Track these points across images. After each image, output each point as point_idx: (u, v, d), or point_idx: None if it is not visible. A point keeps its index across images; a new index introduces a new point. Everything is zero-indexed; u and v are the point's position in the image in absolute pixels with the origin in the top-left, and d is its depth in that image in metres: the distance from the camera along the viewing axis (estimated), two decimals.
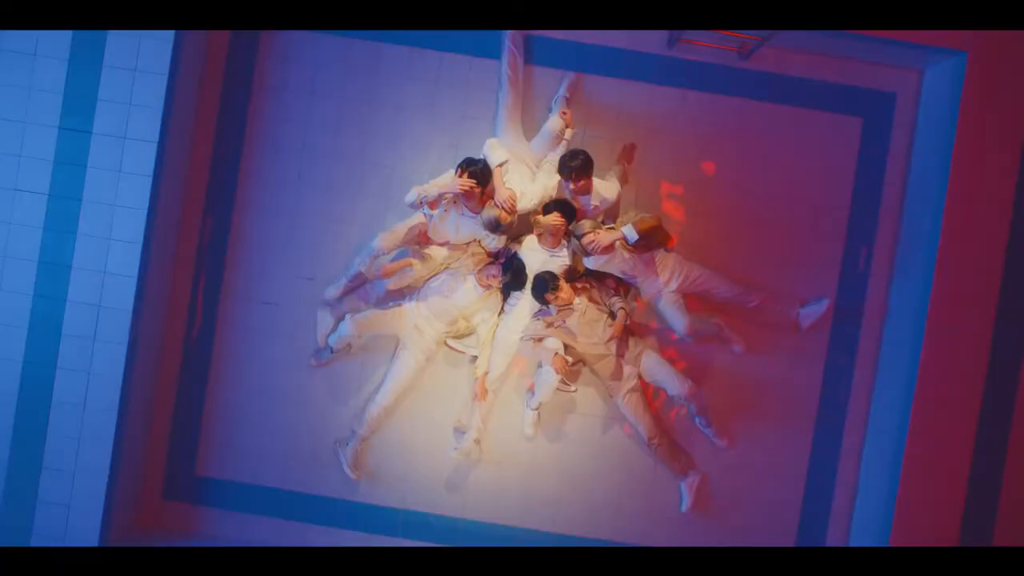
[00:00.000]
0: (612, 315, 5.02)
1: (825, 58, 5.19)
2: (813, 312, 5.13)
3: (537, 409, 5.15)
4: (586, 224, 4.68)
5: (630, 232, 4.64)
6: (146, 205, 4.86)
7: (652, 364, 5.01)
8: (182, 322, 5.31)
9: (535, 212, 4.91)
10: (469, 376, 5.20)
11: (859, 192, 5.24)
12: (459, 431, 5.25)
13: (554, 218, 4.77)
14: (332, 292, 5.20)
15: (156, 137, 4.84)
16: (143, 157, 4.83)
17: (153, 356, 5.21)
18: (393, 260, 5.05)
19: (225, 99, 5.26)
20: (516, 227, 4.91)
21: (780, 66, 5.20)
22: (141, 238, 4.86)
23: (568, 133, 4.90)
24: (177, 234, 5.27)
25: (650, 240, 4.82)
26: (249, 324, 5.30)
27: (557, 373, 4.85)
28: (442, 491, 5.30)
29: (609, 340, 4.87)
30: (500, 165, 4.72)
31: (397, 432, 5.28)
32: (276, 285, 5.30)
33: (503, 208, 4.67)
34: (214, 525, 5.29)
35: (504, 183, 4.72)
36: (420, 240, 5.06)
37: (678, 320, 4.95)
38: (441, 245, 5.05)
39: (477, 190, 4.68)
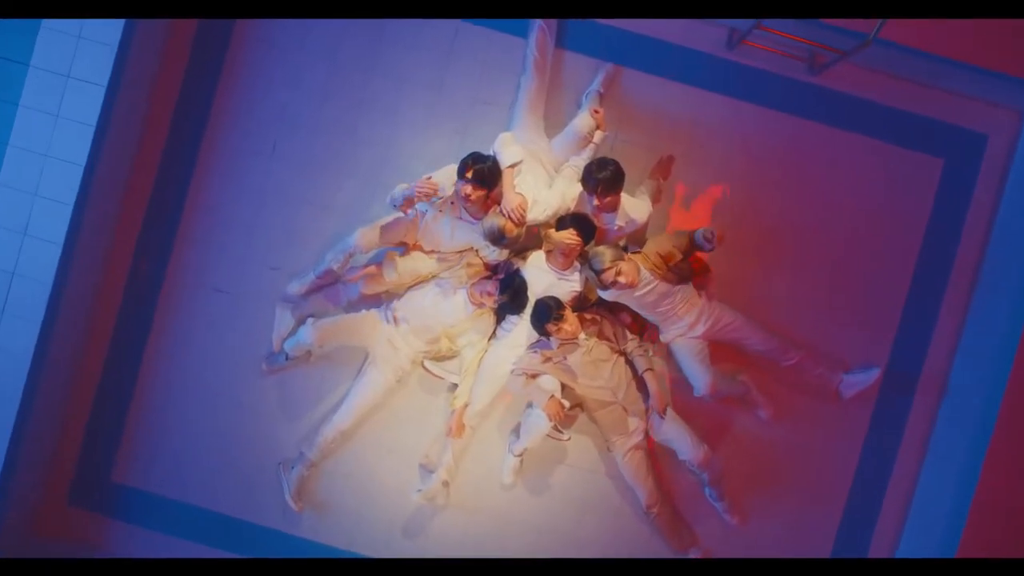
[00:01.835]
0: (623, 356, 4.23)
1: (908, 84, 4.39)
2: (859, 381, 4.35)
3: (520, 456, 4.37)
4: (606, 254, 3.87)
5: (702, 239, 3.94)
6: (84, 159, 4.04)
7: (665, 421, 4.21)
8: (115, 302, 4.50)
9: (547, 225, 4.12)
10: (445, 406, 4.43)
11: (930, 245, 4.45)
12: (426, 469, 4.46)
13: (569, 235, 3.98)
14: (296, 288, 4.41)
15: (105, 79, 4.01)
16: (87, 101, 4.01)
17: (75, 338, 4.40)
18: (370, 262, 4.26)
19: (198, 45, 4.45)
20: (522, 240, 4.09)
21: (854, 86, 4.41)
22: (74, 198, 4.06)
23: (598, 136, 4.10)
24: (121, 197, 4.44)
25: (682, 269, 4.04)
26: (195, 313, 4.50)
27: (550, 420, 4.05)
28: (398, 536, 4.52)
29: (650, 414, 4.21)
30: (512, 166, 3.91)
31: (353, 461, 4.50)
32: (233, 271, 4.51)
33: (509, 218, 3.86)
34: (124, 542, 4.51)
35: (515, 187, 3.91)
36: (407, 242, 4.25)
37: (699, 375, 4.16)
38: (430, 253, 4.23)
39: (481, 194, 3.87)
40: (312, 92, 4.47)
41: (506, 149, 3.94)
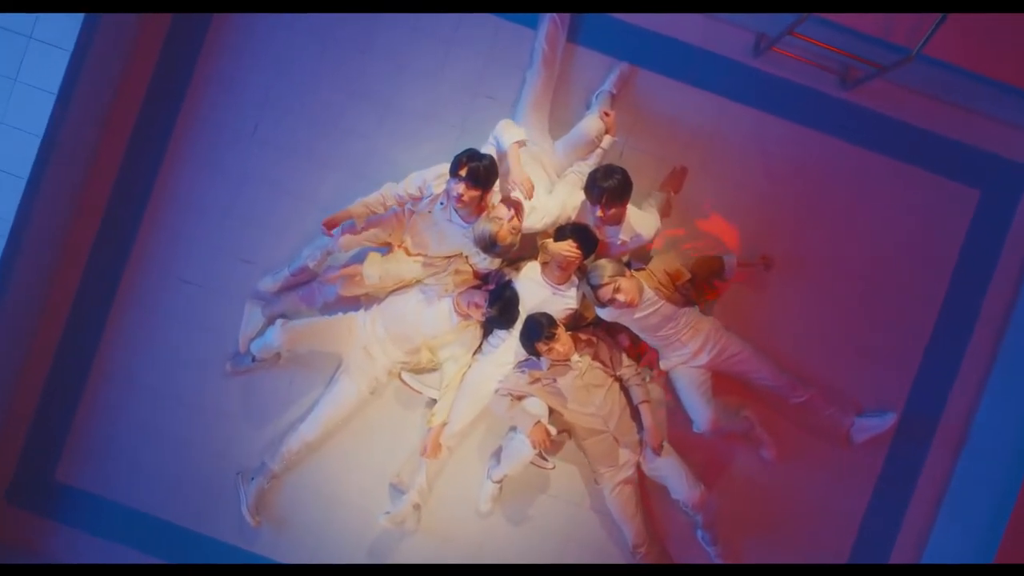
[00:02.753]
0: (618, 382, 3.89)
1: (948, 106, 4.04)
2: (873, 425, 4.01)
3: (500, 482, 4.02)
4: (606, 268, 3.53)
5: (731, 264, 3.80)
6: (43, 129, 3.67)
7: (659, 456, 3.86)
8: (71, 286, 4.14)
9: (545, 234, 3.76)
10: (422, 423, 4.08)
11: (959, 283, 4.10)
12: (397, 489, 4.12)
13: (567, 247, 3.64)
14: (269, 284, 4.06)
15: (71, 43, 3.65)
16: (50, 65, 3.64)
17: (25, 323, 4.05)
18: (350, 262, 3.90)
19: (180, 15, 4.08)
20: (517, 249, 3.73)
21: (889, 105, 4.05)
22: (28, 172, 3.69)
23: (607, 141, 3.75)
24: (83, 173, 4.08)
25: (687, 288, 3.75)
26: (158, 304, 4.15)
27: (534, 447, 3.70)
28: (362, 559, 4.18)
29: (643, 447, 3.90)
30: (519, 143, 3.62)
31: (318, 476, 4.15)
32: (202, 261, 4.16)
33: (520, 190, 3.56)
34: (64, 547, 4.17)
35: (521, 164, 3.60)
36: (391, 243, 3.90)
37: (700, 409, 3.82)
38: (415, 256, 3.88)
39: (475, 195, 3.52)
40: (300, 74, 4.12)
41: (508, 131, 3.63)
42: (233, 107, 4.12)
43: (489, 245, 3.56)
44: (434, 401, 3.99)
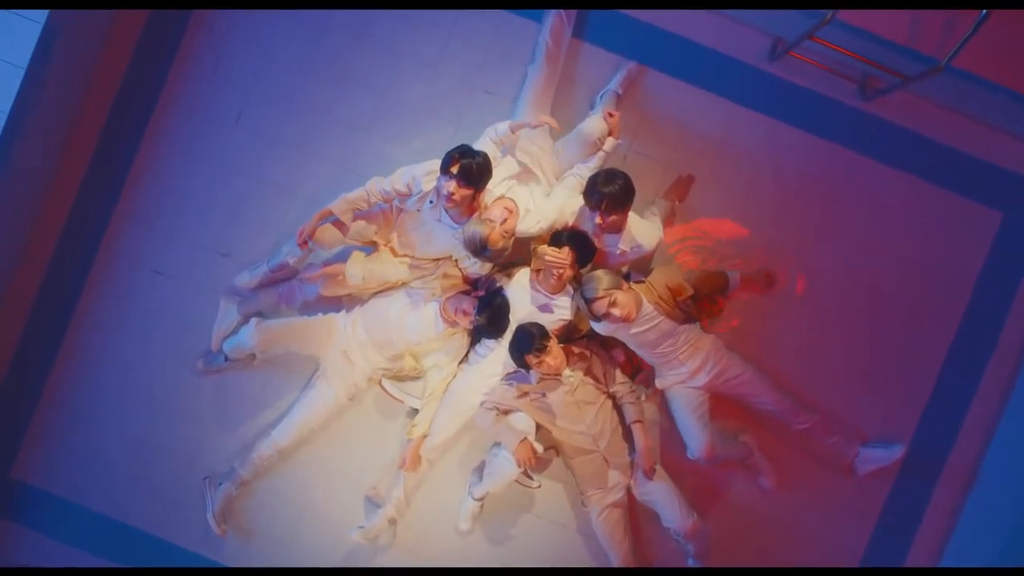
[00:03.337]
0: (611, 399, 3.68)
1: (973, 123, 3.82)
2: (879, 457, 3.80)
3: (481, 500, 3.79)
4: (602, 280, 3.31)
5: (735, 280, 3.64)
6: (9, 106, 3.45)
7: (654, 482, 3.64)
8: (38, 273, 3.91)
9: (539, 239, 3.55)
10: (401, 433, 3.85)
11: (976, 310, 3.88)
12: (373, 502, 3.89)
13: (563, 255, 3.38)
14: (246, 280, 3.84)
15: (44, 16, 3.42)
16: (20, 38, 3.42)
17: None
18: (333, 260, 3.68)
19: None
20: (509, 254, 3.51)
21: (910, 119, 3.83)
22: None
23: (610, 143, 3.53)
24: (57, 157, 3.86)
25: (688, 304, 3.55)
26: (129, 295, 3.93)
27: (518, 466, 3.48)
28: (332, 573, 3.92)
29: (634, 470, 3.69)
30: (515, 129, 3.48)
31: (290, 484, 3.92)
32: (177, 252, 3.94)
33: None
34: (16, 549, 3.92)
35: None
36: (377, 242, 3.67)
37: (695, 434, 3.61)
38: (403, 256, 3.66)
39: (467, 194, 3.30)
40: (290, 59, 3.90)
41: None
42: (217, 92, 3.90)
43: (479, 248, 3.34)
44: (415, 411, 3.78)
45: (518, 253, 3.59)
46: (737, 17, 3.74)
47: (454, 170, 3.24)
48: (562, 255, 3.37)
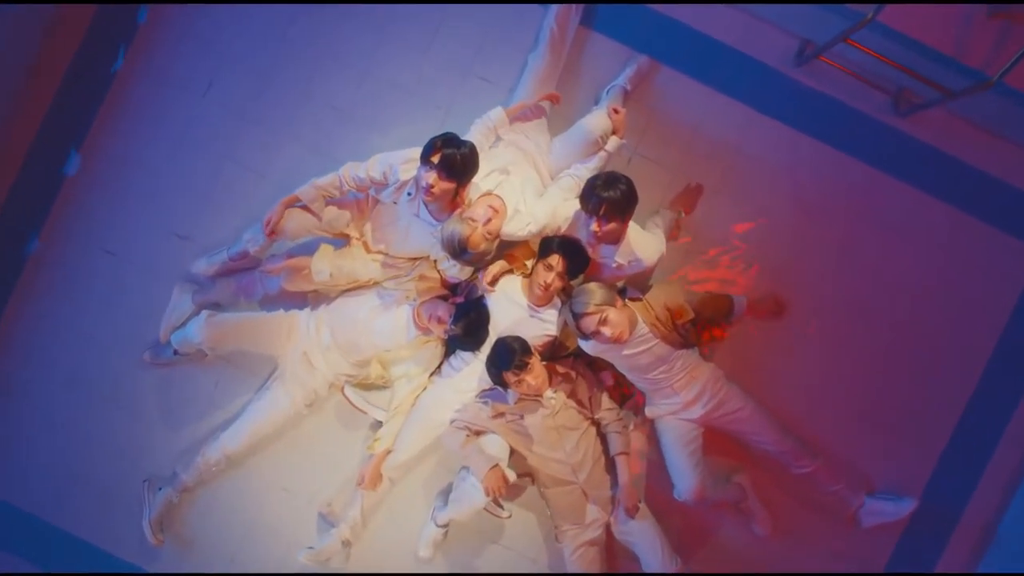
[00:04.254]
0: (595, 426, 3.35)
1: (1015, 148, 3.45)
2: (886, 511, 3.48)
3: (445, 526, 3.46)
4: (594, 294, 2.98)
5: (741, 305, 3.32)
6: None
7: (636, 521, 3.30)
8: None
9: (525, 245, 3.19)
10: (363, 447, 3.53)
11: (1004, 355, 3.54)
12: (327, 521, 3.58)
13: (553, 263, 3.05)
14: (203, 267, 3.50)
15: None
16: None
17: None
18: (299, 252, 3.34)
19: None
20: (492, 258, 3.17)
21: (947, 139, 3.50)
22: None
23: (612, 143, 3.19)
24: (7, 120, 3.49)
25: (688, 328, 3.22)
26: (75, 274, 3.60)
27: (487, 495, 3.13)
28: None
29: (616, 506, 3.34)
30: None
31: (237, 494, 3.60)
32: (130, 231, 3.60)
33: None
34: None
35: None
36: (349, 235, 3.33)
37: (685, 473, 3.29)
38: (376, 253, 3.31)
39: (448, 188, 2.95)
40: (268, 28, 3.57)
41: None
42: (186, 59, 3.56)
43: (458, 250, 2.99)
44: (379, 423, 3.46)
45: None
46: (763, 15, 3.39)
47: (435, 160, 2.89)
48: (558, 266, 3.06)
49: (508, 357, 3.10)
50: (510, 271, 3.27)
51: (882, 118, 3.48)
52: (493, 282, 3.21)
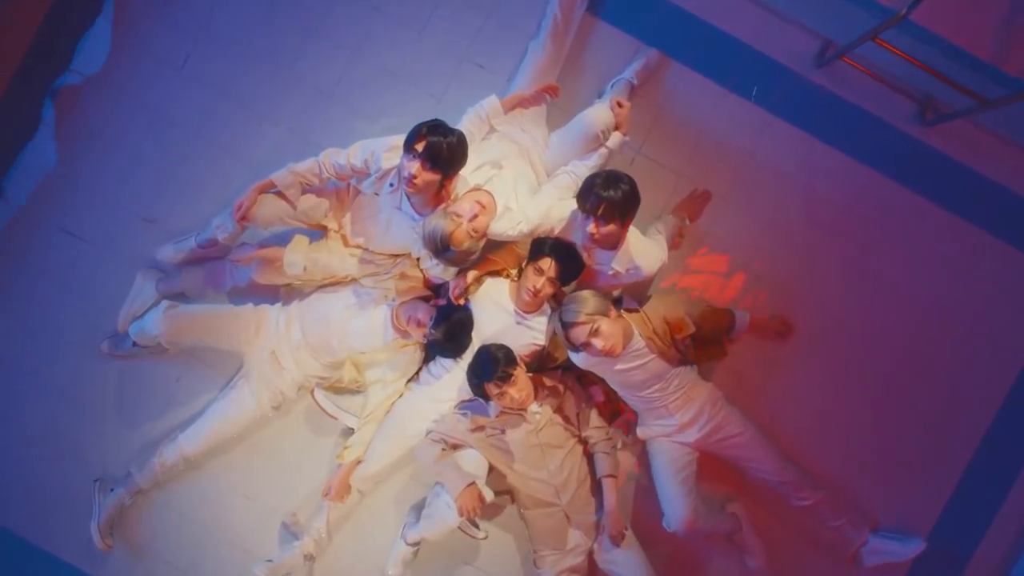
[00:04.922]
0: (582, 445, 3.12)
1: None
2: (891, 550, 3.27)
3: (415, 545, 3.22)
4: (587, 302, 2.76)
5: (744, 322, 3.10)
6: None
7: (621, 550, 3.06)
8: None
9: (512, 247, 2.99)
10: (332, 456, 3.29)
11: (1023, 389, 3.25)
12: (290, 532, 3.34)
13: (544, 267, 2.80)
14: (170, 254, 3.27)
15: None
16: None
17: None
18: (271, 242, 3.11)
19: None
20: (478, 258, 2.93)
21: (974, 154, 3.30)
22: None
23: (615, 139, 2.97)
24: None
25: (687, 344, 3.01)
26: (32, 256, 3.35)
27: (460, 515, 2.89)
28: None
29: (600, 533, 3.10)
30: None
31: (195, 499, 3.35)
32: (94, 211, 3.36)
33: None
34: None
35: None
36: (326, 227, 3.09)
37: (675, 501, 3.08)
38: (354, 247, 3.08)
39: (432, 180, 2.71)
40: (256, 5, 3.30)
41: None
42: (162, 31, 3.33)
43: (440, 247, 2.76)
44: (351, 431, 3.23)
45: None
46: (783, 9, 3.16)
47: (419, 148, 2.66)
48: (549, 271, 2.85)
49: (491, 367, 2.88)
50: (486, 276, 3.04)
51: (906, 127, 3.26)
52: (461, 295, 2.97)
